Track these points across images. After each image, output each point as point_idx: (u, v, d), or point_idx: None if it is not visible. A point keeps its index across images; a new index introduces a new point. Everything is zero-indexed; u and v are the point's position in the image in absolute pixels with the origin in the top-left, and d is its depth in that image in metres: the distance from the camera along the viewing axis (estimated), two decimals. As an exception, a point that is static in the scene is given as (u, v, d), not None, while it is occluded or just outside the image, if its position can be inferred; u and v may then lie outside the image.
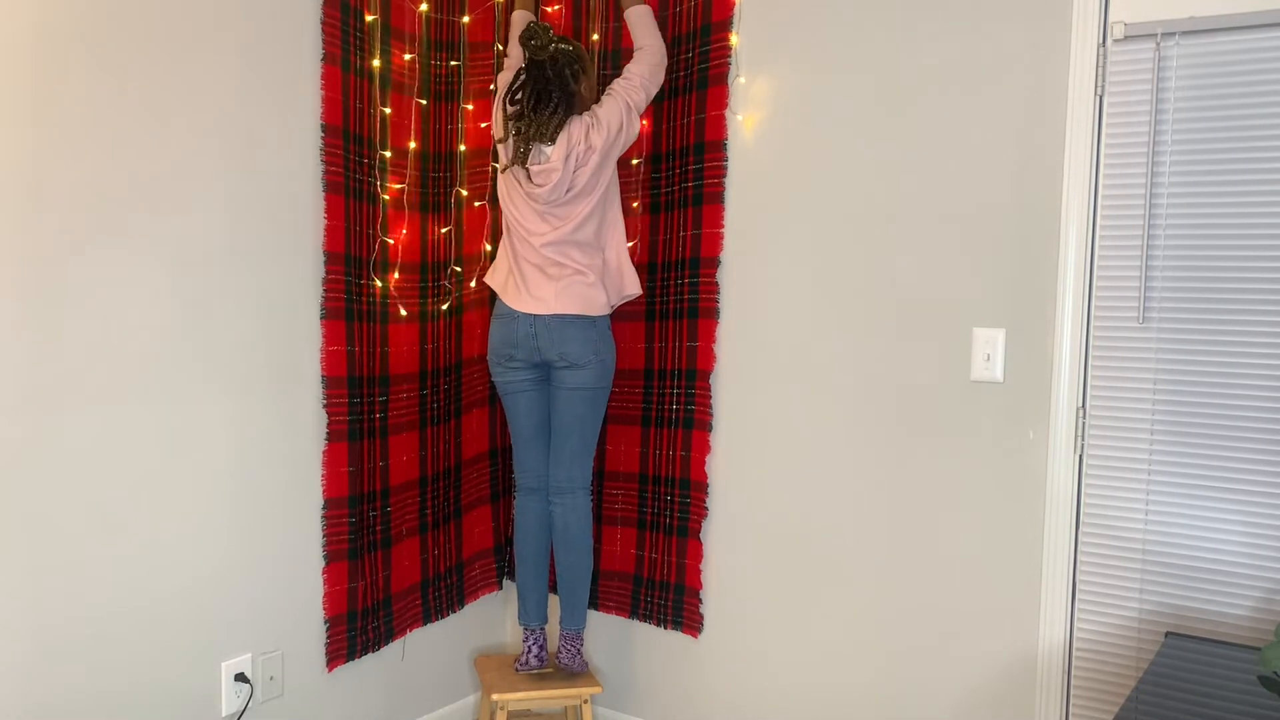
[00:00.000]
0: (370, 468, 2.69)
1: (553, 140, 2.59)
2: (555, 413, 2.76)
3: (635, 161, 2.92)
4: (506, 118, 2.68)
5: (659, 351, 2.92)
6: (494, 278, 2.76)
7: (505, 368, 2.72)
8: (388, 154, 2.69)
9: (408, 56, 2.73)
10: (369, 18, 2.60)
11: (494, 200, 3.03)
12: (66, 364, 2.06)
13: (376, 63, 2.63)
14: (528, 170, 2.62)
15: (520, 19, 2.81)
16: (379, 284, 2.67)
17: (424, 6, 2.76)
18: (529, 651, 2.80)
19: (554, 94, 2.60)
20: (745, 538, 2.81)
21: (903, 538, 2.55)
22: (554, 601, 3.09)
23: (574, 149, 2.61)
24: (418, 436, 2.85)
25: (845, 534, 2.64)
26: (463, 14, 2.90)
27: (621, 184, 2.97)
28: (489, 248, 3.05)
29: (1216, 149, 2.12)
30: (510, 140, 2.66)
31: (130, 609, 2.21)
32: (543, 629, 2.83)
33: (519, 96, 2.63)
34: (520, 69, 2.64)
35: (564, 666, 2.80)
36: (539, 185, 2.63)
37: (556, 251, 2.66)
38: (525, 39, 2.58)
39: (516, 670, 2.82)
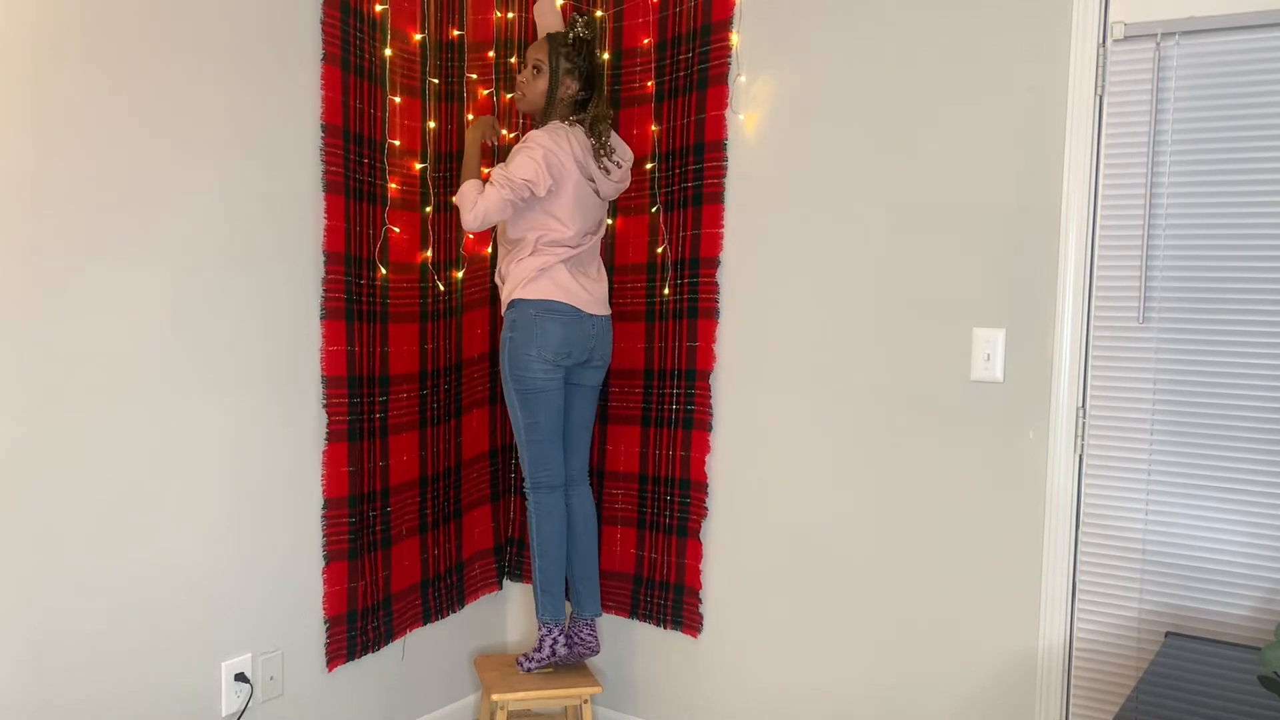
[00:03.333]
0: (370, 468, 2.69)
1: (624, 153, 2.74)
2: (575, 409, 2.81)
3: (649, 165, 2.92)
4: (590, 122, 2.65)
5: (659, 351, 2.92)
6: (546, 292, 2.64)
7: (556, 367, 2.68)
8: (396, 142, 2.69)
9: (408, 56, 2.73)
10: (379, 6, 2.60)
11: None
12: (66, 364, 2.06)
13: (387, 51, 2.63)
14: (607, 166, 2.66)
15: (476, 186, 2.60)
16: (384, 271, 2.66)
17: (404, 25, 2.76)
18: (558, 643, 2.78)
19: (599, 82, 2.71)
20: (745, 538, 2.81)
21: (902, 537, 2.55)
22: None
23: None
24: (418, 436, 2.85)
25: (845, 533, 2.64)
26: (462, 20, 2.90)
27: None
28: (490, 251, 3.05)
29: (1216, 149, 2.12)
30: (600, 140, 2.64)
31: (130, 609, 2.21)
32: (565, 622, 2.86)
33: (596, 89, 2.66)
34: (569, 72, 2.64)
35: (591, 651, 2.82)
36: (624, 183, 2.76)
37: (593, 254, 2.76)
38: (588, 30, 2.64)
39: (528, 669, 2.83)
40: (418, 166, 2.79)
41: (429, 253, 2.84)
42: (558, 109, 2.68)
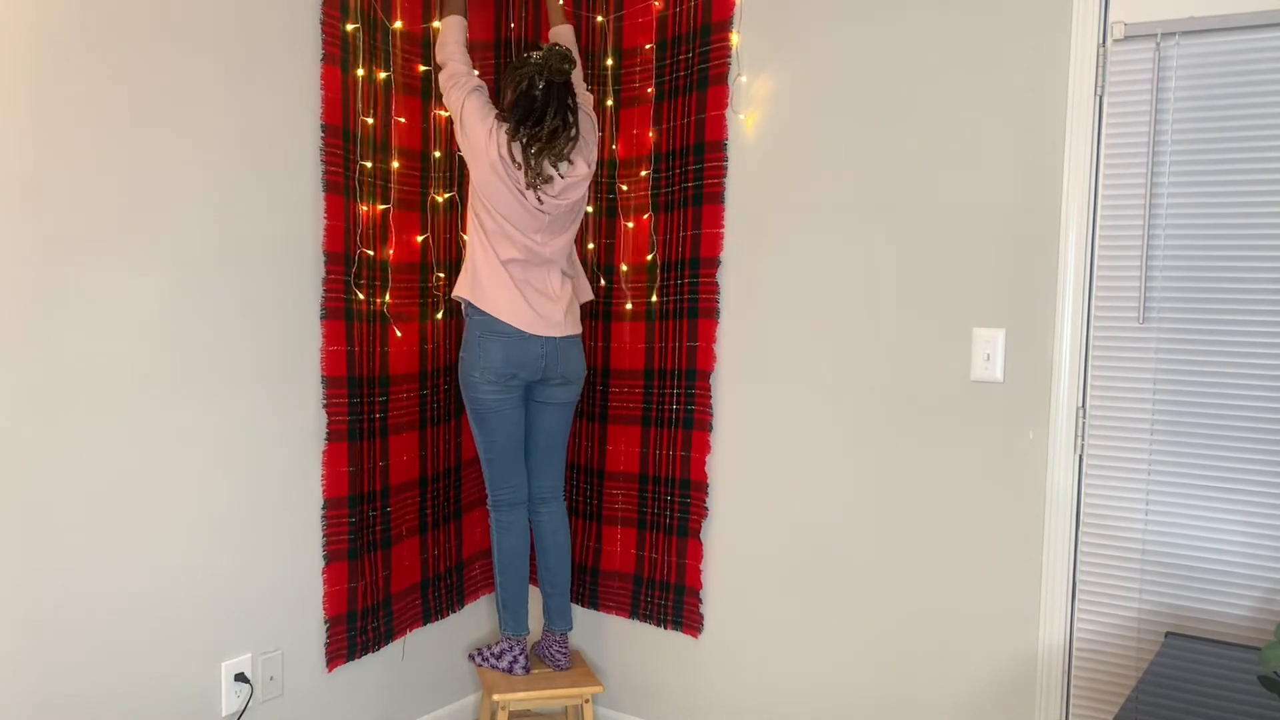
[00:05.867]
0: (370, 468, 2.69)
1: (570, 159, 2.63)
2: (540, 428, 2.81)
3: (644, 173, 2.92)
4: (525, 143, 2.58)
5: (659, 351, 2.92)
6: (489, 301, 2.64)
7: (503, 387, 2.68)
8: (395, 160, 2.69)
9: (406, 57, 2.73)
10: (352, 29, 2.60)
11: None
12: (66, 364, 2.06)
13: (367, 71, 2.63)
14: (542, 190, 2.61)
15: (458, 25, 2.64)
16: (361, 296, 2.63)
17: (398, 24, 2.76)
18: (517, 662, 2.82)
19: (571, 115, 2.64)
20: (745, 538, 2.81)
21: (902, 537, 2.55)
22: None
23: (591, 162, 2.70)
24: (418, 436, 2.85)
25: (845, 534, 2.64)
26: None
27: (622, 185, 2.98)
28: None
29: (1216, 149, 2.12)
30: (530, 163, 2.58)
31: (130, 609, 2.21)
32: (527, 637, 2.90)
33: (547, 119, 2.58)
34: (534, 89, 2.57)
35: (564, 665, 2.86)
36: (562, 199, 2.65)
37: (554, 271, 2.72)
38: (555, 60, 2.57)
39: (478, 665, 2.88)
40: (417, 168, 2.79)
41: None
42: (503, 109, 2.63)
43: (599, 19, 2.96)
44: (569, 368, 2.76)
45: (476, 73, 2.66)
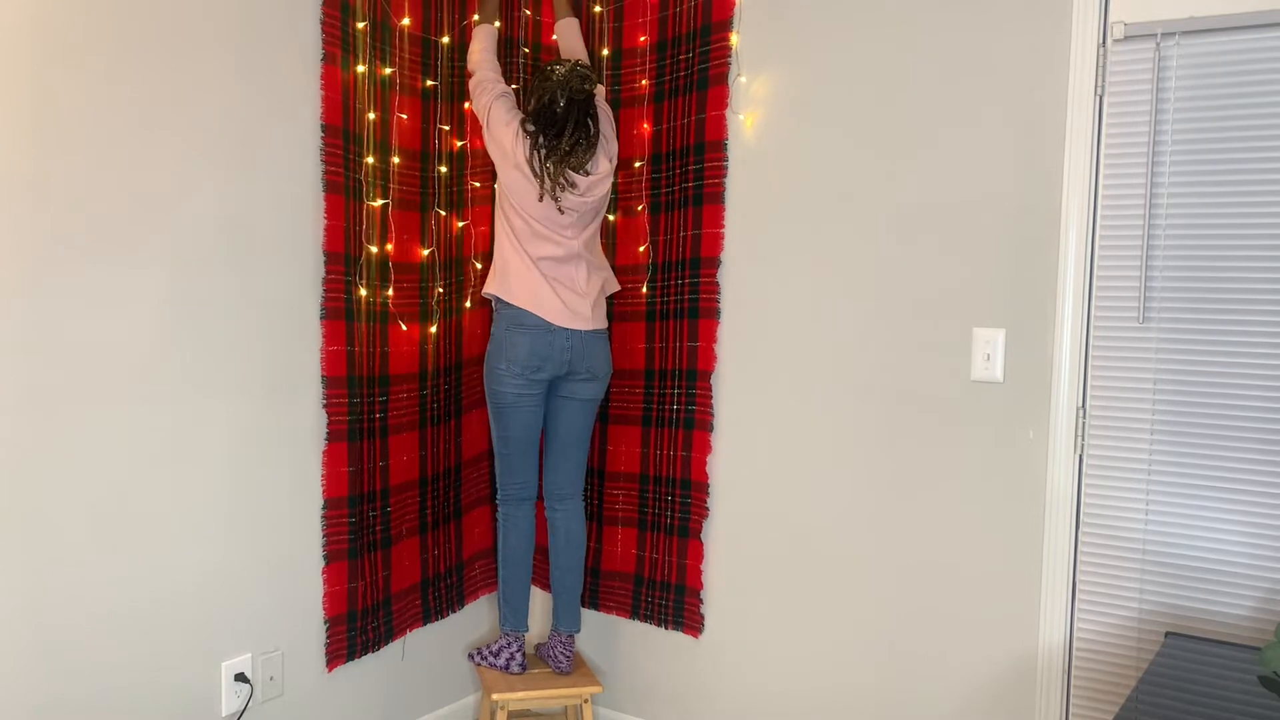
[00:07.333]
0: (370, 468, 2.69)
1: (593, 167, 2.68)
2: (562, 423, 2.81)
3: (638, 164, 2.93)
4: (544, 154, 2.61)
5: (659, 351, 2.92)
6: (518, 295, 2.67)
7: (528, 380, 2.69)
8: (395, 160, 2.69)
9: (406, 58, 2.73)
10: (359, 25, 2.60)
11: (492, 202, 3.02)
12: (66, 364, 2.06)
13: (365, 67, 2.63)
14: (566, 193, 2.63)
15: (488, 33, 2.76)
16: (364, 292, 2.63)
17: (406, 20, 2.76)
18: (514, 659, 2.83)
19: (591, 126, 2.66)
20: (746, 538, 2.81)
21: (902, 537, 2.55)
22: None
23: (612, 157, 2.74)
24: (418, 436, 2.85)
25: (846, 534, 2.64)
26: (456, 20, 2.90)
27: (622, 185, 2.98)
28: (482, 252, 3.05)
29: (1216, 149, 2.12)
30: (547, 173, 2.60)
31: (130, 609, 2.21)
32: (526, 635, 2.90)
33: (566, 134, 2.60)
34: (555, 105, 2.60)
35: (564, 668, 2.84)
36: (588, 197, 2.68)
37: (581, 266, 2.73)
38: (574, 81, 2.60)
39: (476, 664, 2.89)
40: (418, 168, 2.79)
41: (428, 251, 2.84)
42: (526, 114, 2.67)
43: (596, 8, 2.97)
44: (595, 362, 2.76)
45: (502, 81, 2.74)
